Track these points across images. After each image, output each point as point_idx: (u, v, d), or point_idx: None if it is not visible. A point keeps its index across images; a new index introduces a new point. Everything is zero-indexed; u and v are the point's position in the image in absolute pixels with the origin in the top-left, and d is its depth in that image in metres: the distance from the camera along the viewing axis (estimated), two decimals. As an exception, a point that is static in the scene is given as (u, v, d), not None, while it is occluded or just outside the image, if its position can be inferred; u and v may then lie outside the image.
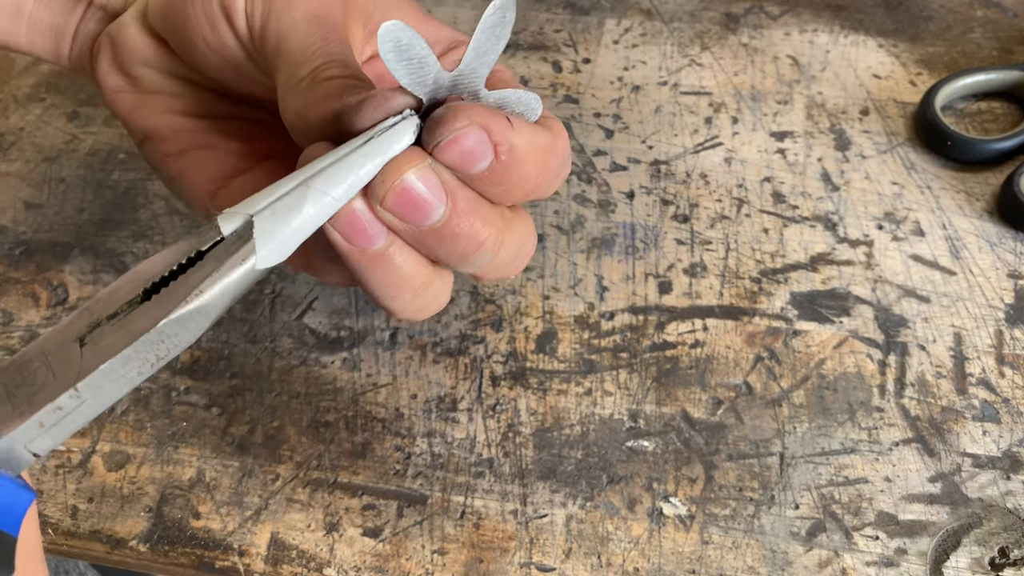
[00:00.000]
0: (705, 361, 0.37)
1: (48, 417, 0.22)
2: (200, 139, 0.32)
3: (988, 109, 0.45)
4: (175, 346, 0.23)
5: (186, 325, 0.23)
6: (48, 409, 0.22)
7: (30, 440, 0.22)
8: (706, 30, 0.50)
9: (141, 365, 0.22)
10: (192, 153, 0.32)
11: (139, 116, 0.32)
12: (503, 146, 0.24)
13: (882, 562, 0.32)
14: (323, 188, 0.23)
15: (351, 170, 0.23)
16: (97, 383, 0.22)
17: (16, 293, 0.42)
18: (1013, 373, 0.36)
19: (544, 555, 0.33)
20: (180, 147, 0.32)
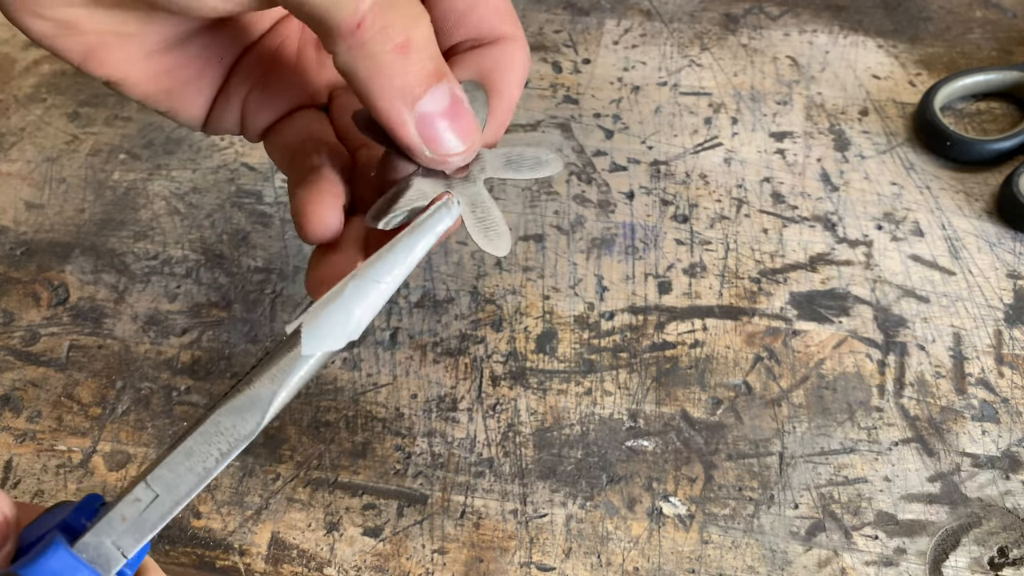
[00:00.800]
0: (705, 361, 0.37)
1: (128, 510, 0.23)
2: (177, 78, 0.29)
3: (987, 109, 0.45)
4: (235, 438, 0.23)
5: (240, 416, 0.23)
6: (127, 500, 0.23)
7: (117, 535, 0.23)
8: (706, 31, 0.50)
9: (205, 459, 0.23)
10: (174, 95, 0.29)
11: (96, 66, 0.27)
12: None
13: (881, 562, 0.32)
14: (373, 276, 0.24)
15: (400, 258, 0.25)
16: (164, 476, 0.23)
17: (17, 293, 0.42)
18: (1012, 373, 0.36)
19: (544, 555, 0.33)
20: (158, 89, 0.29)
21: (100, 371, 0.39)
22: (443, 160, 0.25)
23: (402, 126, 0.24)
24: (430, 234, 0.25)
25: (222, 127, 0.31)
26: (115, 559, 0.23)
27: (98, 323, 0.40)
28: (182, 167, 0.46)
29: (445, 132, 0.25)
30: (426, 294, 0.40)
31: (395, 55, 0.23)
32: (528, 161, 0.28)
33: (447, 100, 0.25)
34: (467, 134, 0.25)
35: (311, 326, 0.24)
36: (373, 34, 0.23)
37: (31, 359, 0.39)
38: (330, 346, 0.24)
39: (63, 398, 0.38)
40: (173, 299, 0.41)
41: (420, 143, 0.25)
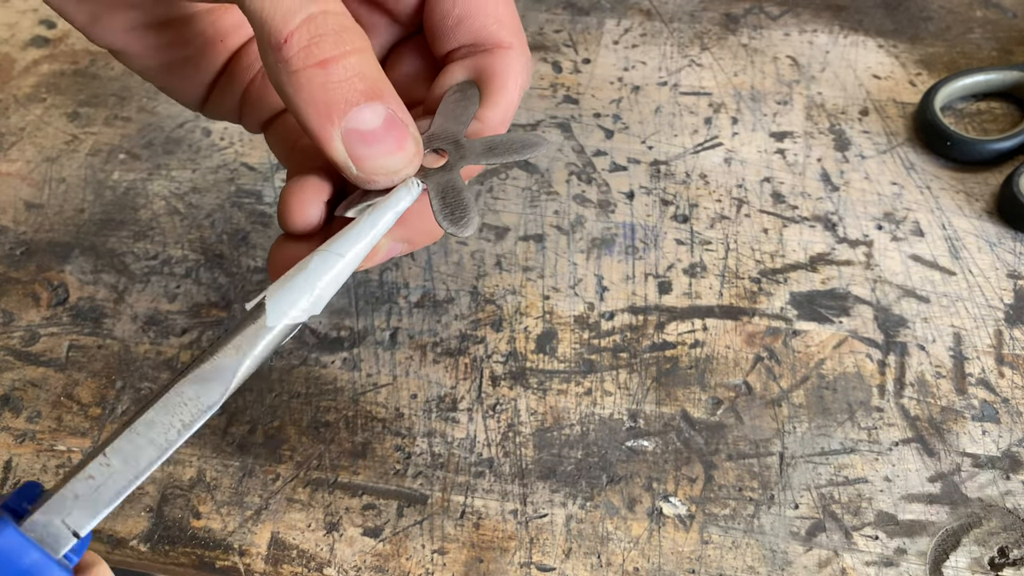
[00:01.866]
0: (705, 361, 0.37)
1: (80, 487, 0.22)
2: (175, 54, 0.29)
3: (987, 109, 0.45)
4: (199, 409, 0.23)
5: (204, 386, 0.23)
6: (80, 478, 0.22)
7: (67, 513, 0.22)
8: (706, 30, 0.50)
9: (167, 431, 0.23)
10: (173, 71, 0.29)
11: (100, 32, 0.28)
12: None
13: (882, 562, 0.32)
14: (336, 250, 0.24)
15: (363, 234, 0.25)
16: (123, 448, 0.22)
17: (16, 293, 0.42)
18: (1013, 373, 0.36)
19: (544, 555, 0.33)
20: (157, 63, 0.29)
21: (100, 371, 0.39)
22: (370, 179, 0.25)
23: (327, 142, 0.24)
24: (390, 212, 0.25)
25: (221, 112, 0.31)
26: (65, 538, 0.22)
27: (98, 323, 0.40)
28: (182, 167, 0.46)
29: (374, 151, 0.25)
30: (426, 294, 0.40)
31: (316, 71, 0.23)
32: (513, 144, 0.27)
33: (380, 119, 0.24)
34: (403, 155, 0.25)
35: (275, 298, 0.24)
36: (297, 51, 0.23)
37: (31, 359, 0.39)
38: (294, 318, 0.24)
39: (63, 398, 0.38)
40: (173, 299, 0.41)
41: (346, 160, 0.25)
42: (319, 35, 0.23)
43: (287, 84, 0.23)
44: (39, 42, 0.53)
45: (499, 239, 0.42)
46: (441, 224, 0.26)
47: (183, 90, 0.30)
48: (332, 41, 0.23)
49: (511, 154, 0.27)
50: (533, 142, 0.27)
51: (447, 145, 0.27)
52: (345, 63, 0.24)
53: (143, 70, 0.29)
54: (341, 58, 0.23)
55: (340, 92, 0.24)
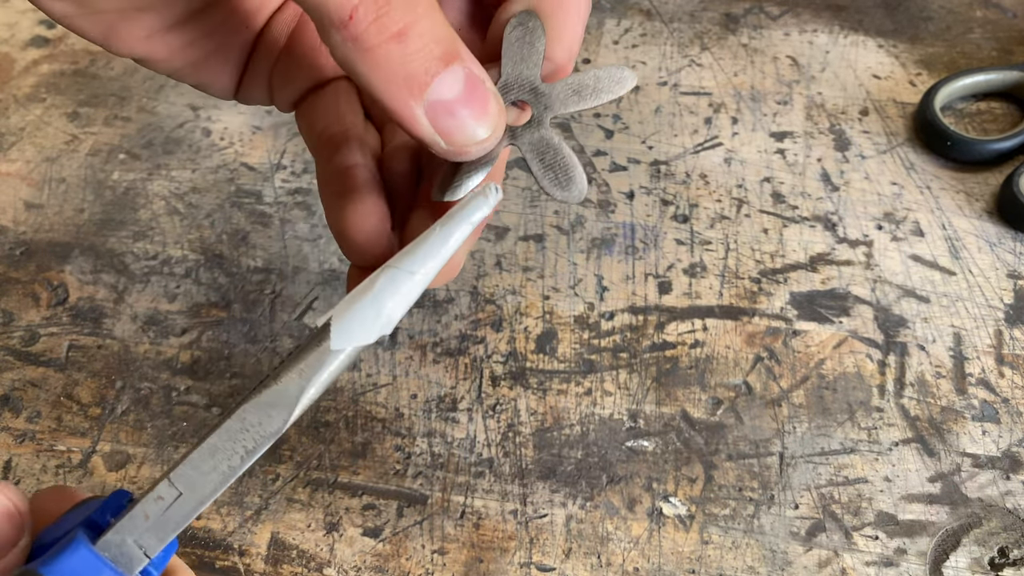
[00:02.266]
0: (705, 361, 0.37)
1: (151, 507, 0.22)
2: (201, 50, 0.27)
3: (987, 109, 0.45)
4: (261, 436, 0.23)
5: (266, 412, 0.22)
6: (150, 498, 0.22)
7: (139, 534, 0.22)
8: (706, 30, 0.50)
9: (230, 457, 0.22)
10: (201, 67, 0.28)
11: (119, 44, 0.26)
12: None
13: (882, 562, 0.32)
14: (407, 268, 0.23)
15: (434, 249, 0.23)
16: (187, 475, 0.22)
17: (16, 293, 0.42)
18: (1013, 373, 0.36)
19: (544, 555, 0.33)
20: (184, 63, 0.27)
21: (100, 371, 0.39)
22: (461, 151, 0.23)
23: (411, 120, 0.22)
24: (465, 223, 0.23)
25: (254, 98, 0.30)
26: (138, 558, 0.22)
27: (97, 323, 0.40)
28: (181, 167, 0.46)
29: (461, 121, 0.23)
30: (426, 294, 0.40)
31: (393, 45, 0.21)
32: (600, 83, 0.24)
33: (460, 85, 0.22)
34: (488, 119, 0.23)
35: (341, 319, 0.23)
36: (367, 25, 0.21)
37: (30, 359, 0.39)
38: (360, 340, 0.23)
39: (62, 398, 0.38)
40: (173, 299, 0.41)
41: (434, 136, 0.23)
42: (386, 2, 0.21)
43: (360, 63, 0.21)
44: (39, 42, 0.53)
45: (499, 239, 0.42)
46: (546, 190, 0.24)
47: (216, 83, 0.29)
48: (401, 7, 0.21)
49: (601, 94, 0.25)
50: (621, 76, 0.25)
51: (525, 95, 0.25)
52: (419, 29, 0.22)
53: (172, 72, 0.28)
54: (415, 24, 0.21)
55: (419, 63, 0.22)
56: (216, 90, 0.29)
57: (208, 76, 0.28)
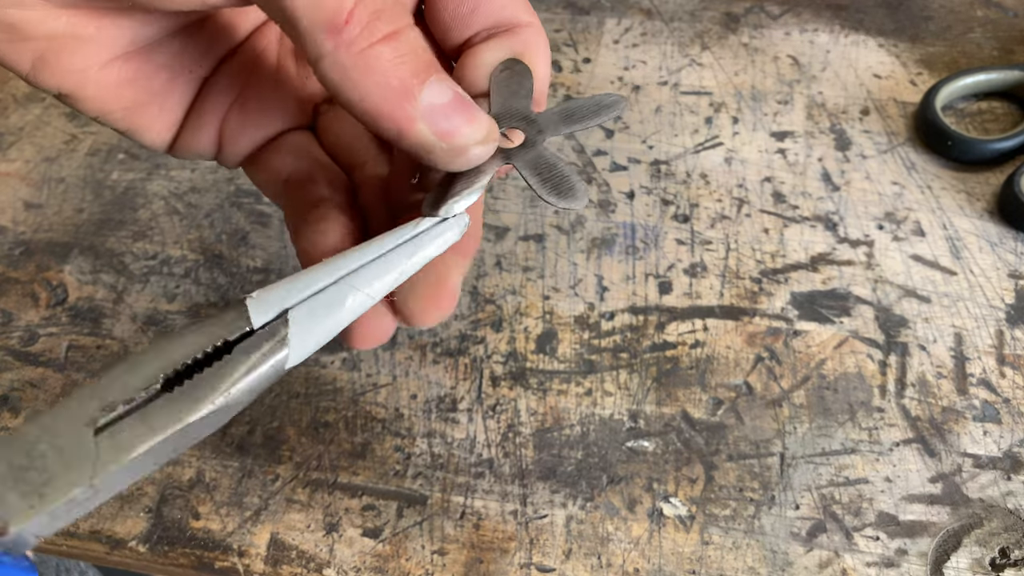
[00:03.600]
0: (705, 361, 0.37)
1: (60, 509, 0.21)
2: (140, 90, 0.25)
3: (988, 109, 0.45)
4: (193, 439, 0.21)
5: (210, 422, 0.21)
6: (61, 503, 0.20)
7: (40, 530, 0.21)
8: (706, 30, 0.50)
9: (158, 457, 0.21)
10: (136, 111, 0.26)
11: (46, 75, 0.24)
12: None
13: (883, 563, 0.32)
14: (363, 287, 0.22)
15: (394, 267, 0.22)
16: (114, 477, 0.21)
17: (16, 293, 0.42)
18: (1014, 373, 0.36)
19: (544, 555, 0.33)
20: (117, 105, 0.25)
21: (99, 371, 0.39)
22: (462, 151, 0.23)
23: (409, 123, 0.22)
24: (431, 246, 0.23)
25: (193, 150, 0.28)
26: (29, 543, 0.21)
27: (97, 323, 0.40)
28: (181, 167, 0.46)
29: (457, 123, 0.22)
30: (426, 294, 0.40)
31: (384, 46, 0.21)
32: (589, 108, 0.26)
33: (448, 94, 0.22)
34: (481, 123, 0.23)
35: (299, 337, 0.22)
36: (361, 29, 0.21)
37: (30, 359, 0.39)
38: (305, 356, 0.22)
39: (62, 398, 0.38)
40: (172, 299, 0.41)
41: (433, 138, 0.22)
42: (378, 10, 0.21)
43: (352, 68, 0.21)
44: (38, 41, 0.53)
45: (499, 239, 0.42)
46: (548, 200, 0.24)
47: (150, 130, 0.27)
48: (390, 15, 0.21)
49: (591, 118, 0.25)
50: (610, 101, 0.26)
51: (518, 123, 0.25)
52: (407, 35, 0.22)
53: (100, 114, 0.25)
54: (404, 31, 0.22)
55: (411, 65, 0.22)
56: (148, 138, 0.27)
57: (143, 121, 0.26)
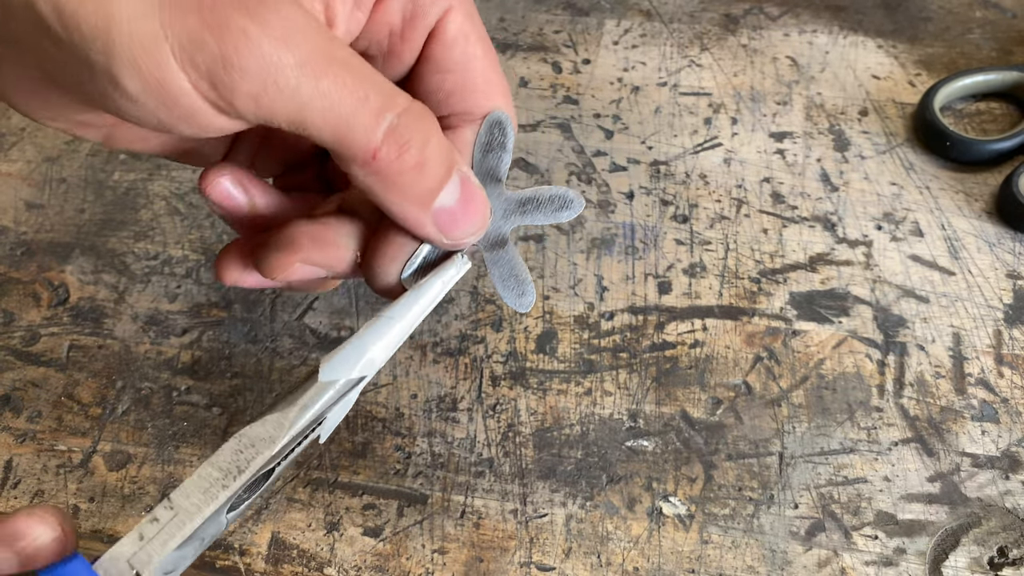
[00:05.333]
0: (705, 361, 0.37)
1: (147, 529, 0.24)
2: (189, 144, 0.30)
3: (987, 110, 0.45)
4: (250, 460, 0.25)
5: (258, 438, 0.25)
6: (147, 520, 0.24)
7: (133, 554, 0.24)
8: (705, 31, 0.50)
9: (224, 478, 0.24)
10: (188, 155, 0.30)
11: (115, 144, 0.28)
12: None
13: (881, 562, 0.32)
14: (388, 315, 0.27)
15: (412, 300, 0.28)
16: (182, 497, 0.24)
17: (17, 293, 0.42)
18: (1012, 373, 0.36)
19: (544, 554, 0.33)
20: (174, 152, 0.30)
21: (100, 371, 0.39)
22: (459, 244, 0.28)
23: (421, 227, 0.26)
24: (438, 282, 0.28)
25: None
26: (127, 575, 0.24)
27: (98, 323, 0.40)
28: (182, 167, 0.46)
29: (459, 220, 0.27)
30: (426, 294, 0.40)
31: (411, 175, 0.25)
32: (547, 203, 0.29)
33: (458, 191, 0.26)
34: (479, 215, 0.27)
35: (329, 358, 0.26)
36: (389, 162, 0.24)
37: (31, 359, 0.39)
38: (344, 374, 0.26)
39: (63, 398, 0.38)
40: (173, 299, 0.41)
41: (439, 235, 0.27)
42: (406, 141, 0.24)
43: (382, 192, 0.25)
44: (39, 42, 0.53)
45: (499, 239, 0.42)
46: (504, 298, 0.29)
47: (202, 163, 0.31)
48: (418, 141, 0.24)
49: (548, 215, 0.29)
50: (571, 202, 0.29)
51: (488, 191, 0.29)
52: (432, 157, 0.25)
53: (164, 156, 0.30)
54: (430, 155, 0.25)
55: (430, 183, 0.25)
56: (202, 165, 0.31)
57: (196, 161, 0.31)
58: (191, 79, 0.21)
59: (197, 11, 0.20)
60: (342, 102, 0.22)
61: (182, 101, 0.21)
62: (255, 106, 0.22)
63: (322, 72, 0.22)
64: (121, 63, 0.20)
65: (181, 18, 0.20)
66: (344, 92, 0.22)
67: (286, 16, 0.21)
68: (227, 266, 0.29)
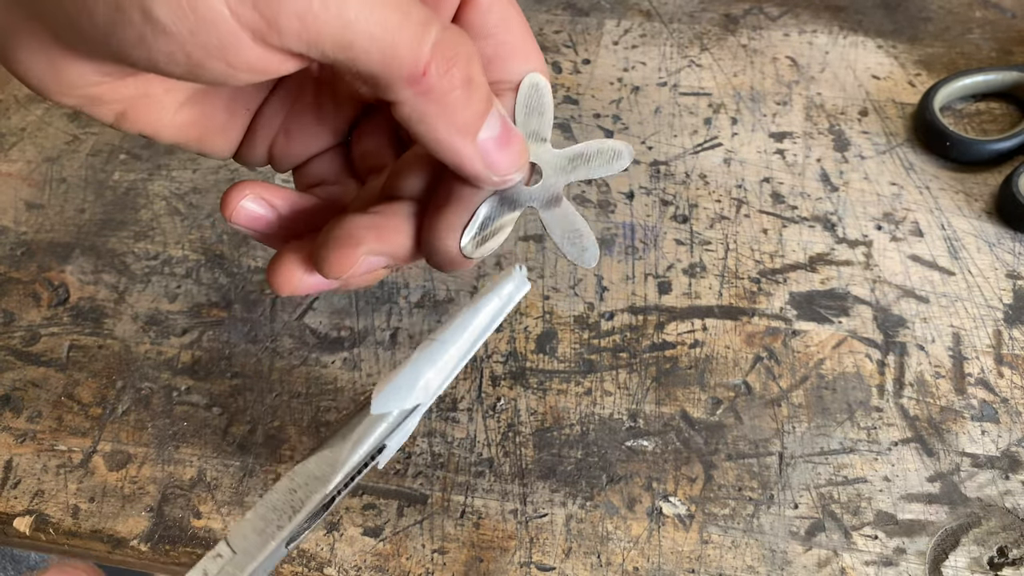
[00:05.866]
0: (704, 361, 0.37)
1: (210, 565, 0.24)
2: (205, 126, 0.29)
3: (987, 110, 0.45)
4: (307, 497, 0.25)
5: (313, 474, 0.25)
6: (209, 556, 0.24)
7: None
8: (705, 31, 0.50)
9: (280, 517, 0.25)
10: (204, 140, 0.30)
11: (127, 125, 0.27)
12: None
13: (881, 562, 0.32)
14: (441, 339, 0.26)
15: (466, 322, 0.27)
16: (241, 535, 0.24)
17: (17, 293, 0.42)
18: (1012, 373, 0.36)
19: (544, 554, 0.33)
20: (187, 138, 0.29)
21: (100, 371, 0.39)
22: (506, 180, 0.27)
23: (469, 159, 0.25)
24: (495, 298, 0.27)
25: (251, 162, 0.32)
26: None
27: (98, 323, 0.40)
28: (182, 167, 0.46)
29: (503, 154, 0.26)
30: (426, 294, 0.40)
31: (461, 92, 0.24)
32: (596, 156, 0.28)
33: (499, 125, 0.25)
34: (520, 148, 0.26)
35: (381, 388, 0.26)
36: (439, 78, 0.23)
37: (31, 359, 0.39)
38: (397, 405, 0.25)
39: (63, 398, 0.38)
40: (173, 299, 0.41)
41: (487, 172, 0.26)
42: (453, 55, 0.23)
43: (427, 112, 0.24)
44: (40, 42, 0.53)
45: (499, 239, 0.42)
46: (567, 254, 0.28)
47: (215, 150, 0.30)
48: (463, 60, 0.24)
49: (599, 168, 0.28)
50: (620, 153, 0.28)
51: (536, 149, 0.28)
52: (477, 75, 0.24)
53: (175, 143, 0.29)
54: (473, 74, 0.24)
55: (475, 108, 0.24)
56: (216, 153, 0.31)
57: (210, 146, 0.30)
58: (230, 3, 0.20)
59: None
60: (388, 16, 0.22)
61: (219, 27, 0.21)
62: (299, 26, 0.21)
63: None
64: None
65: None
66: (390, 6, 0.22)
67: None
68: (282, 274, 0.28)
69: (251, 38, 0.21)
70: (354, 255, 0.26)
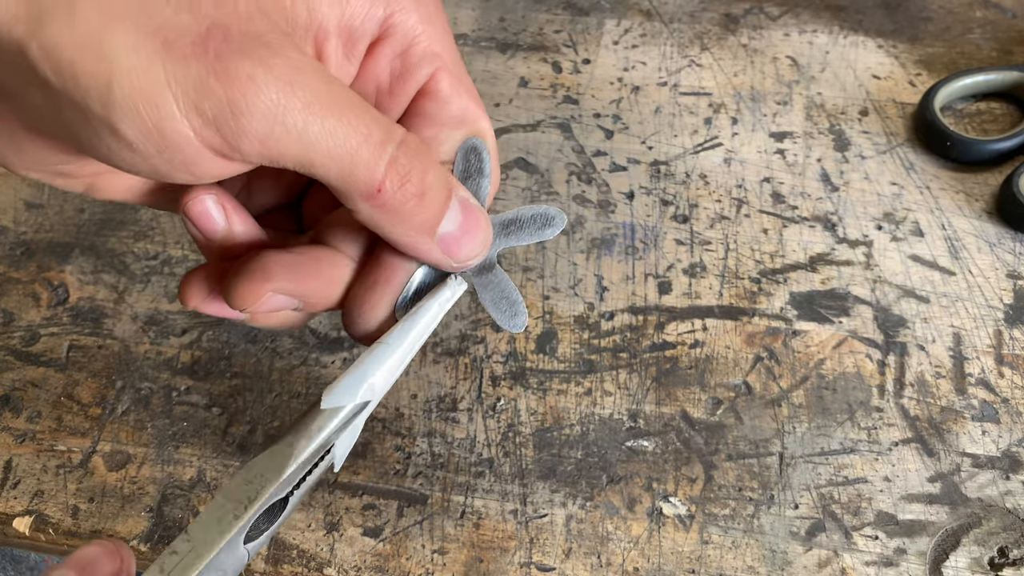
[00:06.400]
0: (705, 361, 0.37)
1: (167, 561, 0.24)
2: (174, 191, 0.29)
3: (987, 110, 0.45)
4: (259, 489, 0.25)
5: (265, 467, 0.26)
6: (166, 554, 0.25)
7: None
8: (706, 31, 0.50)
9: (235, 508, 0.25)
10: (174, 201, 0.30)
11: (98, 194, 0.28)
12: None
13: (881, 562, 0.32)
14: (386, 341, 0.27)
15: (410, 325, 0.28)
16: (198, 528, 0.25)
17: (17, 293, 0.42)
18: (1012, 373, 0.36)
19: (544, 555, 0.33)
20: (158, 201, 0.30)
21: (100, 371, 0.39)
22: (466, 264, 0.28)
23: (427, 253, 0.26)
24: (435, 304, 0.28)
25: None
26: None
27: (98, 323, 0.40)
28: (182, 167, 0.46)
29: (463, 243, 0.27)
30: (426, 294, 0.40)
31: (415, 203, 0.25)
32: (530, 222, 0.29)
33: (459, 215, 0.26)
34: (482, 234, 0.27)
35: (331, 388, 0.27)
36: (392, 194, 0.24)
37: (31, 359, 0.39)
38: (345, 401, 0.26)
39: (63, 398, 0.38)
40: (173, 299, 0.41)
41: (447, 259, 0.27)
42: (407, 172, 0.24)
43: (386, 224, 0.25)
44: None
45: (499, 239, 0.42)
46: (497, 320, 0.29)
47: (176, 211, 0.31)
48: (418, 171, 0.25)
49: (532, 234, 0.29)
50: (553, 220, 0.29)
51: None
52: (432, 185, 0.25)
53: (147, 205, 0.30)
54: (430, 184, 0.25)
55: (433, 210, 0.26)
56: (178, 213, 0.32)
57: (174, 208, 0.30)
58: (193, 125, 0.21)
59: (202, 58, 0.21)
60: (347, 139, 0.23)
61: (183, 148, 0.21)
62: (261, 147, 0.22)
63: (327, 111, 0.22)
64: (121, 111, 0.20)
65: (184, 65, 0.20)
66: (349, 129, 0.23)
67: (290, 59, 0.22)
68: (192, 289, 0.28)
69: (213, 154, 0.22)
70: (261, 289, 0.26)
